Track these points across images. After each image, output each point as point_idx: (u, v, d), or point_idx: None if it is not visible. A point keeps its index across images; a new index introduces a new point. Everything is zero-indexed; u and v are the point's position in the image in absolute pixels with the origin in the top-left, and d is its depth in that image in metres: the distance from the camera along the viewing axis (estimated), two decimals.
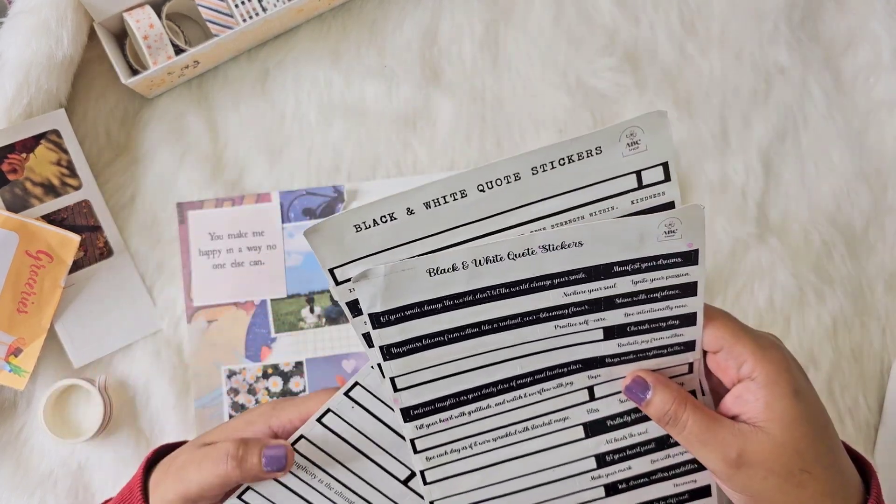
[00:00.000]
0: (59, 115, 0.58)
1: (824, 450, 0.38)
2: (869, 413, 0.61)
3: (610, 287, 0.40)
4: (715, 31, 0.64)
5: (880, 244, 0.63)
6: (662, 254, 0.40)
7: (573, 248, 0.39)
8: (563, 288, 0.40)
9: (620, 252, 0.39)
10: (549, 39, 0.63)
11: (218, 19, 0.58)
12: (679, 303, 0.41)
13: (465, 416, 0.43)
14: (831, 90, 0.64)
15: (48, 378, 0.59)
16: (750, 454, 0.37)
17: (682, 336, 0.42)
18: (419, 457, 0.44)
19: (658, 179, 0.39)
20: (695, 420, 0.39)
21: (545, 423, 0.44)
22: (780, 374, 0.38)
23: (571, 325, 0.42)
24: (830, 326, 0.62)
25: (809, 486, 0.37)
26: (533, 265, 0.40)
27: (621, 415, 0.44)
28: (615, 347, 0.42)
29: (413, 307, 0.40)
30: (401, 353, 0.41)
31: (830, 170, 0.63)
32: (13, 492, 0.59)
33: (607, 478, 0.45)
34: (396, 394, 0.42)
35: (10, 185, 0.57)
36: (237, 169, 0.62)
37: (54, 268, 0.57)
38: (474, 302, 0.41)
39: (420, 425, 0.43)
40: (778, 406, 0.37)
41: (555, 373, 0.43)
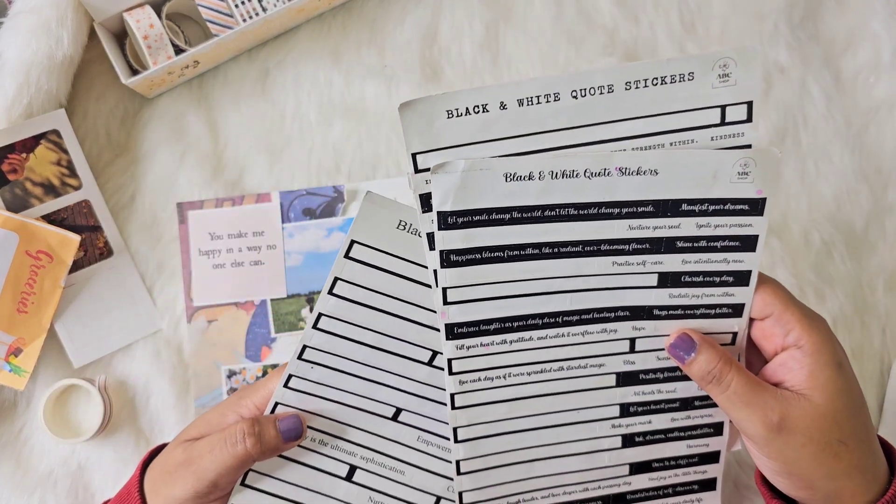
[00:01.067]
0: (59, 115, 0.58)
1: (860, 425, 0.38)
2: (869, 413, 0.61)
3: (674, 227, 0.41)
4: (715, 31, 0.64)
5: (880, 244, 0.63)
6: (731, 197, 0.40)
7: (648, 175, 0.39)
8: (629, 220, 0.40)
9: (692, 188, 0.40)
10: (549, 39, 0.63)
11: (218, 19, 0.58)
12: (737, 257, 0.41)
13: (505, 345, 0.43)
14: (831, 90, 0.64)
15: (48, 378, 0.59)
16: (791, 419, 0.37)
17: (732, 296, 0.42)
18: (453, 379, 0.43)
19: (740, 119, 0.40)
20: (739, 381, 0.39)
21: (581, 366, 0.44)
22: (825, 344, 0.38)
23: (629, 263, 0.41)
24: (831, 326, 0.62)
25: (844, 457, 0.37)
26: (606, 188, 0.40)
27: (655, 371, 0.44)
28: (666, 298, 0.42)
29: (482, 213, 0.40)
30: (459, 262, 0.41)
31: (830, 169, 0.63)
32: (13, 492, 0.59)
33: (626, 428, 0.45)
34: (445, 307, 0.42)
35: (10, 185, 0.57)
36: (237, 169, 0.62)
37: (54, 268, 0.57)
38: (542, 219, 0.40)
39: (461, 346, 0.43)
40: (822, 375, 0.38)
41: (602, 316, 0.43)
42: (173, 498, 0.41)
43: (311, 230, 0.62)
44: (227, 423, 0.43)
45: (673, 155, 0.39)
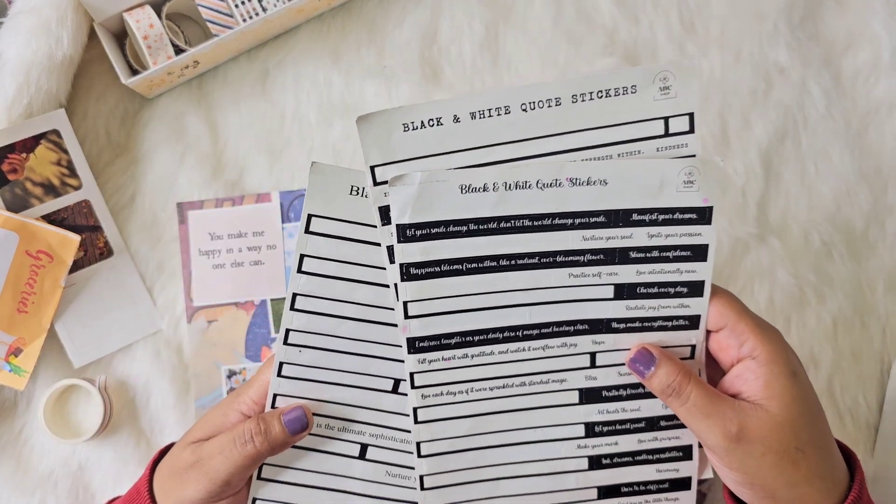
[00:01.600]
0: (59, 115, 0.58)
1: (817, 432, 0.39)
2: (869, 413, 0.61)
3: (626, 237, 0.42)
4: (714, 31, 0.64)
5: (880, 244, 0.63)
6: (679, 206, 0.41)
7: (598, 185, 0.41)
8: (582, 230, 0.42)
9: (641, 198, 0.41)
10: (548, 39, 0.63)
11: (218, 19, 0.58)
12: (689, 267, 0.42)
13: (467, 359, 0.44)
14: (831, 90, 0.64)
15: (48, 378, 0.59)
16: (750, 430, 0.38)
17: (688, 308, 0.43)
18: (416, 393, 0.44)
19: (683, 129, 0.41)
20: (698, 393, 0.39)
21: (543, 381, 0.44)
22: (779, 354, 0.39)
23: (585, 275, 0.42)
24: (830, 326, 0.62)
25: (803, 465, 0.38)
26: (558, 199, 0.41)
27: (617, 388, 0.44)
28: (623, 310, 0.43)
29: (439, 225, 0.41)
30: (418, 275, 0.42)
31: (830, 170, 0.63)
32: (13, 492, 0.59)
33: (593, 449, 0.45)
34: (406, 321, 0.42)
35: (10, 185, 0.57)
36: (237, 169, 0.62)
37: (54, 268, 0.57)
38: (498, 231, 0.41)
39: (423, 360, 0.43)
40: (777, 385, 0.38)
41: (561, 330, 0.43)
42: (185, 498, 0.42)
43: None
44: (230, 421, 0.44)
45: (620, 165, 0.41)
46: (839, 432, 0.61)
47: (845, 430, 0.61)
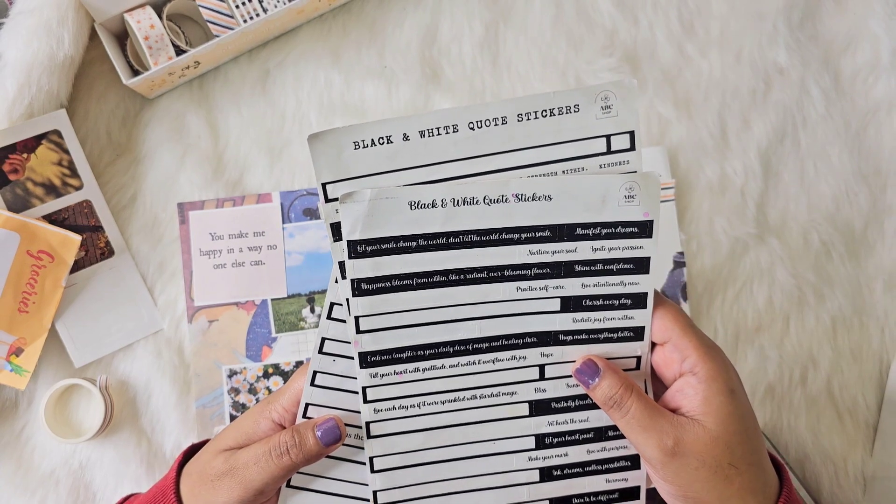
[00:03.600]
0: (60, 116, 0.58)
1: (751, 449, 0.40)
2: (868, 413, 0.62)
3: (571, 251, 0.43)
4: (714, 32, 0.64)
5: (879, 244, 0.63)
6: (621, 220, 0.43)
7: (542, 201, 0.43)
8: (529, 245, 0.43)
9: (584, 212, 0.43)
10: (548, 39, 0.63)
11: (219, 20, 0.58)
12: (632, 279, 0.44)
13: (418, 373, 0.45)
14: (830, 90, 0.64)
15: (49, 378, 0.59)
16: (685, 444, 0.39)
17: (632, 319, 0.44)
18: (368, 407, 0.45)
19: (624, 147, 0.43)
20: (638, 406, 0.41)
21: (493, 394, 0.45)
22: (719, 372, 0.40)
23: (532, 288, 0.44)
24: (830, 326, 0.62)
25: (735, 480, 0.39)
26: (504, 214, 0.43)
27: (566, 399, 0.45)
28: (570, 322, 0.44)
29: (389, 241, 0.43)
30: (370, 290, 0.43)
31: (829, 170, 0.63)
32: (14, 491, 0.59)
33: (543, 461, 0.46)
34: (358, 336, 0.43)
35: (11, 186, 0.57)
36: (238, 169, 0.62)
37: (55, 268, 0.58)
38: (447, 246, 0.43)
39: (375, 374, 0.44)
40: (715, 401, 0.40)
41: (511, 343, 0.45)
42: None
43: (311, 230, 0.62)
44: (261, 430, 0.44)
45: (564, 181, 0.42)
46: (839, 432, 0.61)
47: (845, 430, 0.61)
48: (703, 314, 0.62)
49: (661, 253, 0.61)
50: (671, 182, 0.62)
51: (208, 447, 0.46)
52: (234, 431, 0.45)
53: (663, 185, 0.61)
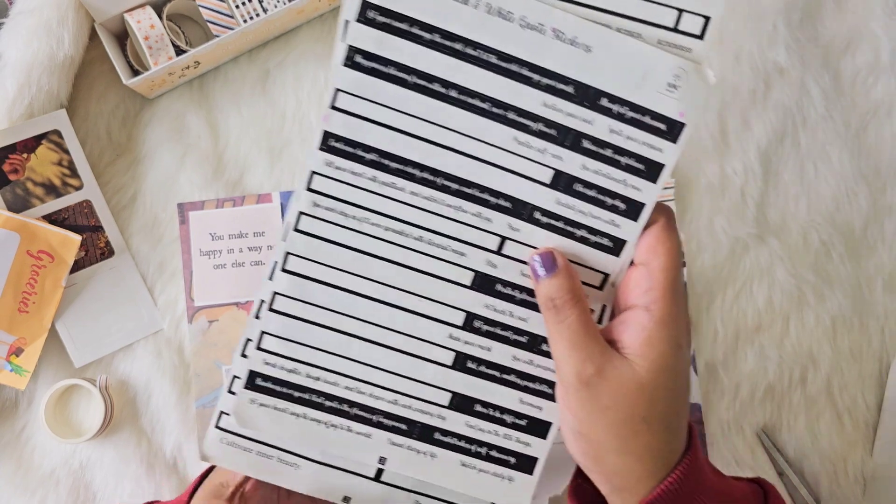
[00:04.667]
0: (60, 116, 0.58)
1: (673, 411, 0.36)
2: (868, 412, 0.62)
3: (587, 122, 0.39)
4: (714, 32, 0.64)
5: (879, 244, 0.63)
6: (652, 109, 0.39)
7: (580, 49, 0.38)
8: (546, 94, 0.39)
9: (618, 83, 0.38)
10: None
11: (219, 20, 0.58)
12: (637, 182, 0.40)
13: (375, 183, 0.40)
14: (830, 91, 0.64)
15: (49, 378, 0.59)
16: (606, 378, 0.36)
17: (617, 228, 0.40)
18: (308, 196, 0.40)
19: (694, 32, 0.38)
20: (577, 319, 0.37)
21: (442, 245, 0.41)
22: (674, 319, 0.36)
23: (530, 146, 0.39)
24: (829, 326, 0.62)
25: (642, 437, 0.36)
26: (535, 46, 0.38)
27: (514, 286, 0.41)
28: (553, 203, 0.40)
29: (404, 20, 0.38)
30: (362, 66, 0.39)
31: (829, 170, 0.63)
32: (15, 491, 0.59)
33: (464, 346, 0.42)
34: (331, 111, 0.39)
35: (11, 186, 0.57)
36: (238, 169, 0.62)
37: (55, 268, 0.58)
38: (461, 55, 0.38)
39: (331, 162, 0.40)
40: (657, 348, 0.36)
41: (482, 197, 0.40)
42: None
43: None
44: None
45: (611, 36, 0.38)
46: (838, 432, 0.61)
47: (844, 430, 0.61)
48: (703, 314, 0.62)
49: None
50: (671, 182, 0.62)
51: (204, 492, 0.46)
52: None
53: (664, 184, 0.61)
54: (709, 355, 0.61)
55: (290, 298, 0.41)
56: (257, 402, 0.42)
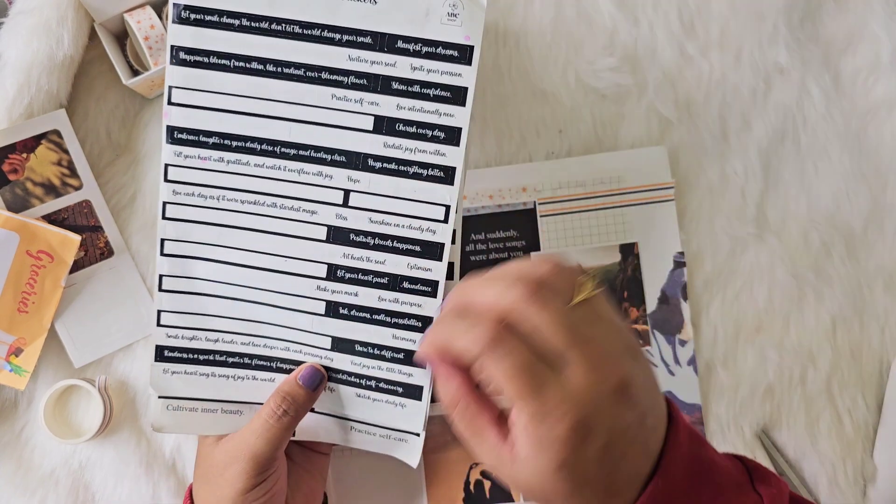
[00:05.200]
0: (59, 116, 0.58)
1: (603, 473, 0.34)
2: (868, 413, 0.62)
3: (390, 65, 0.43)
4: (714, 32, 0.64)
5: (879, 244, 0.63)
6: (442, 41, 0.43)
7: (367, 3, 0.43)
8: (349, 49, 0.43)
9: (407, 25, 0.43)
10: (548, 40, 0.63)
11: None
12: (448, 109, 0.44)
13: (222, 164, 0.45)
14: (830, 91, 0.64)
15: (49, 378, 0.59)
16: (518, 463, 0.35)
17: (444, 157, 0.44)
18: (167, 186, 0.45)
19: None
20: (461, 426, 0.37)
21: (293, 207, 0.45)
22: (545, 449, 0.34)
23: (347, 99, 0.44)
24: (829, 326, 0.62)
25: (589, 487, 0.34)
26: (329, 9, 0.43)
27: (366, 234, 0.45)
28: (381, 147, 0.44)
29: (213, 13, 0.43)
30: (186, 61, 0.44)
31: (829, 170, 0.63)
32: (14, 491, 0.59)
33: (332, 294, 0.45)
34: (169, 107, 0.44)
35: (10, 186, 0.57)
36: None
37: (55, 268, 0.58)
38: (269, 32, 0.43)
39: (180, 153, 0.45)
40: (540, 463, 0.34)
41: (319, 157, 0.44)
42: (237, 492, 0.44)
43: None
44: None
45: None
46: (838, 432, 0.61)
47: (844, 430, 0.61)
48: (704, 314, 0.62)
49: (661, 253, 0.61)
50: (671, 182, 0.62)
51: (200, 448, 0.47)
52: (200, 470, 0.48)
53: (664, 184, 0.61)
54: (709, 355, 0.61)
55: (173, 277, 0.46)
56: (169, 371, 0.47)
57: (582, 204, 0.61)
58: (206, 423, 0.47)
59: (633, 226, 0.61)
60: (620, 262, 0.61)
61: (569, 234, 0.61)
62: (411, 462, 0.47)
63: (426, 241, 0.45)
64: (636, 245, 0.61)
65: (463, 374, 0.37)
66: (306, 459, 0.50)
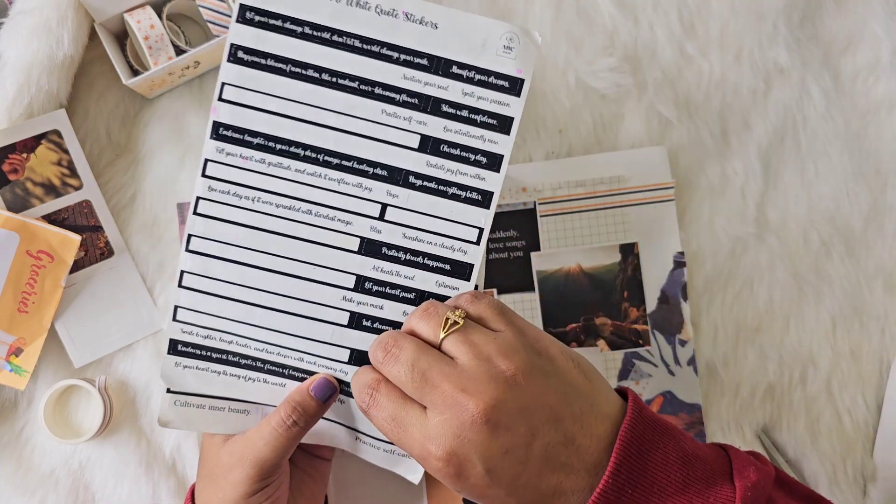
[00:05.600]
0: (59, 116, 0.58)
1: (517, 474, 0.39)
2: (868, 412, 0.62)
3: (442, 88, 0.45)
4: (714, 32, 0.64)
5: (879, 244, 0.63)
6: (495, 70, 0.45)
7: (429, 27, 0.45)
8: (405, 68, 0.45)
9: (463, 52, 0.45)
10: (548, 40, 0.63)
11: (219, 20, 0.58)
12: (493, 136, 0.45)
13: (263, 165, 0.45)
14: (830, 90, 0.64)
15: (49, 378, 0.59)
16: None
17: (483, 181, 0.45)
18: (204, 182, 0.45)
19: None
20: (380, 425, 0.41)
21: (329, 216, 0.45)
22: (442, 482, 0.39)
23: (397, 116, 0.45)
24: (829, 326, 0.62)
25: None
26: (390, 29, 0.44)
27: (398, 248, 0.45)
28: (423, 165, 0.45)
29: (277, 17, 0.44)
30: (244, 60, 0.44)
31: (829, 170, 0.63)
32: (14, 491, 0.59)
33: (357, 306, 0.45)
34: (219, 103, 0.44)
35: (10, 186, 0.57)
36: None
37: (55, 268, 0.58)
38: (329, 42, 0.44)
39: (222, 149, 0.45)
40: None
41: (361, 168, 0.45)
42: (240, 495, 0.44)
43: None
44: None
45: (454, 14, 0.45)
46: (838, 432, 0.61)
47: (843, 430, 0.61)
48: (704, 314, 0.62)
49: (661, 253, 0.61)
50: (671, 182, 0.62)
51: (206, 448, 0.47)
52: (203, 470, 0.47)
53: (664, 184, 0.61)
54: (709, 355, 0.61)
55: (195, 275, 0.45)
56: (181, 365, 0.46)
57: (582, 204, 0.61)
58: (213, 420, 0.47)
59: (633, 226, 0.61)
60: (620, 261, 0.61)
61: (569, 234, 0.61)
62: (413, 479, 0.47)
63: (457, 260, 0.46)
64: (636, 245, 0.61)
65: None
66: (309, 464, 0.50)
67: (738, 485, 0.38)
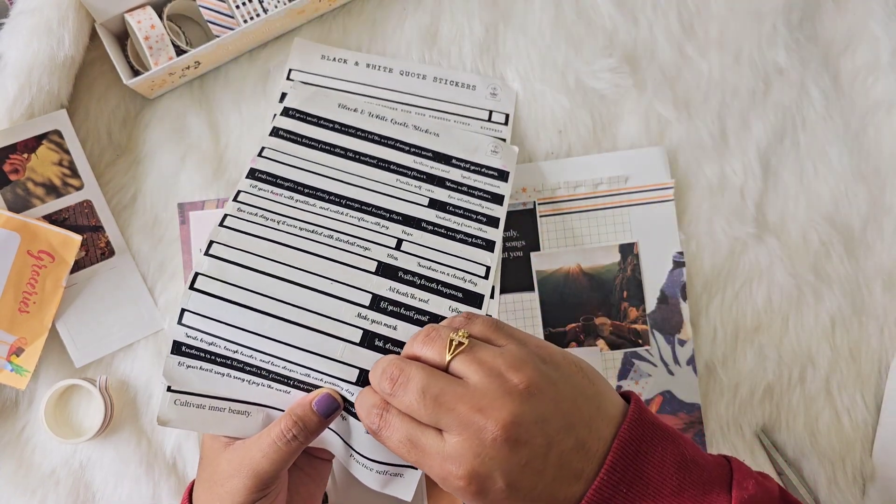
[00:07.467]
0: (60, 116, 0.58)
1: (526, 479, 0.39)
2: (867, 412, 0.62)
3: (445, 171, 0.56)
4: (713, 33, 0.64)
5: (878, 244, 0.63)
6: (487, 164, 0.57)
7: (432, 135, 0.57)
8: (414, 156, 0.56)
9: (461, 152, 0.57)
10: (548, 41, 0.64)
11: (219, 20, 0.58)
12: (489, 206, 0.55)
13: (291, 201, 0.51)
14: (830, 91, 0.64)
15: (49, 378, 0.59)
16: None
17: (485, 233, 0.53)
18: (234, 205, 0.50)
19: (501, 121, 0.61)
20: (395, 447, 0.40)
21: (348, 241, 0.49)
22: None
23: (409, 184, 0.54)
24: (828, 326, 0.62)
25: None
26: (402, 133, 0.57)
27: (414, 274, 0.48)
28: (434, 217, 0.53)
29: (314, 118, 0.57)
30: (284, 135, 0.55)
31: (829, 170, 0.63)
32: (15, 491, 0.59)
33: (371, 324, 0.45)
34: (259, 158, 0.54)
35: (11, 186, 0.57)
36: (238, 169, 0.62)
37: (56, 268, 0.58)
38: (354, 135, 0.56)
39: (255, 186, 0.52)
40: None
41: (380, 213, 0.52)
42: (235, 503, 0.44)
43: None
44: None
45: (451, 127, 0.59)
46: (837, 432, 0.61)
47: (843, 430, 0.61)
48: (703, 314, 0.62)
49: (661, 253, 0.61)
50: (671, 182, 0.62)
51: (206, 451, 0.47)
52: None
53: (663, 185, 0.62)
54: (708, 355, 0.62)
55: (209, 278, 0.46)
56: (185, 365, 0.46)
57: (582, 204, 0.61)
58: (213, 421, 0.46)
59: (632, 226, 0.61)
60: (620, 261, 0.61)
61: (569, 234, 0.61)
62: (405, 496, 0.46)
63: (468, 289, 0.49)
64: (636, 245, 0.61)
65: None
66: (308, 464, 0.50)
67: (735, 495, 0.38)
